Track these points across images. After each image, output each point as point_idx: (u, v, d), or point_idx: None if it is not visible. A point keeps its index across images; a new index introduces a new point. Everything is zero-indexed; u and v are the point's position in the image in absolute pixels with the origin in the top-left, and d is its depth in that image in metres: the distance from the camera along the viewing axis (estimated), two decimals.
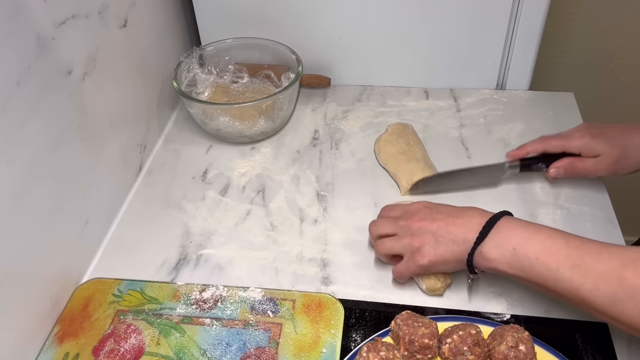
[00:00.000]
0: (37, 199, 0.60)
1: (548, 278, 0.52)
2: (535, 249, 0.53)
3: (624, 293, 0.48)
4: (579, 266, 0.50)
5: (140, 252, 0.72)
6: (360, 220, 0.74)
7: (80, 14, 0.66)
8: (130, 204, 0.79)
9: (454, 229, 0.58)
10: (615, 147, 0.68)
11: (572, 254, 0.51)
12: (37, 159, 0.59)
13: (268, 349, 0.59)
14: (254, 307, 0.63)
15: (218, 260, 0.70)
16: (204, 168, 0.84)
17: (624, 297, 0.48)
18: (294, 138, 0.89)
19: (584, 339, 0.58)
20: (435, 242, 0.59)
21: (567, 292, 0.51)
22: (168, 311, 0.63)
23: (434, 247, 0.59)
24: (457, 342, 0.54)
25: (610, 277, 0.49)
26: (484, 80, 0.94)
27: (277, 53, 0.92)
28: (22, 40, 0.56)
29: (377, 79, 0.97)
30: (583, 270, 0.50)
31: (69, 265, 0.67)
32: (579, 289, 0.50)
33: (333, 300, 0.63)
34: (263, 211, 0.76)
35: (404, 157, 0.78)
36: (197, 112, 0.85)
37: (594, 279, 0.49)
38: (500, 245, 0.55)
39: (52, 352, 0.60)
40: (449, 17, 0.87)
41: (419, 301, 0.64)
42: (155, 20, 0.86)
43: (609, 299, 0.48)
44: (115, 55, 0.75)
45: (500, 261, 0.55)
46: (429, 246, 0.59)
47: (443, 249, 0.59)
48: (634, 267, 0.48)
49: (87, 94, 0.68)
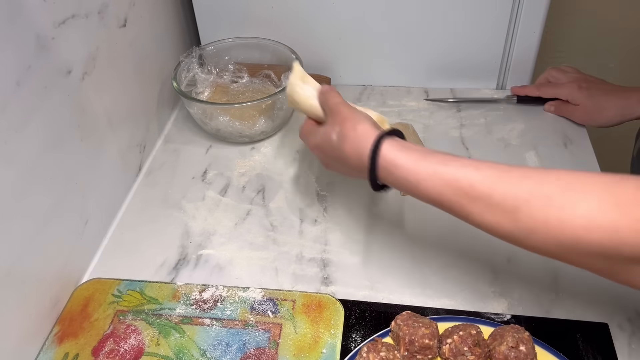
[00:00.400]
0: (37, 199, 0.60)
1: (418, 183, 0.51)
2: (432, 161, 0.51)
3: (520, 232, 0.47)
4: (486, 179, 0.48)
5: (140, 252, 0.72)
6: (360, 220, 0.74)
7: (80, 13, 0.65)
8: (130, 204, 0.79)
9: (347, 171, 0.61)
10: (592, 102, 0.80)
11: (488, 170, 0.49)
12: (37, 159, 0.59)
13: (268, 349, 0.59)
14: (253, 308, 0.63)
15: (218, 260, 0.70)
16: (203, 168, 0.84)
17: (521, 237, 0.47)
18: (294, 138, 0.88)
19: (584, 339, 0.58)
20: (340, 169, 0.63)
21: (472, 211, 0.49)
22: (168, 311, 0.63)
23: (340, 171, 0.63)
24: (458, 342, 0.54)
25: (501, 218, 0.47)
26: (484, 80, 0.94)
27: (277, 53, 0.92)
28: (22, 40, 0.56)
29: (377, 79, 0.97)
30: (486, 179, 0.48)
31: (68, 265, 0.67)
32: (489, 199, 0.48)
33: (333, 301, 0.63)
34: (263, 211, 0.76)
35: None
36: (197, 112, 0.85)
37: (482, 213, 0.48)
38: (393, 174, 0.54)
39: (52, 352, 0.60)
40: (449, 17, 0.87)
41: (419, 301, 0.64)
42: (155, 20, 0.86)
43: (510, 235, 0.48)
44: (115, 55, 0.74)
45: (398, 185, 0.54)
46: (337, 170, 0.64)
47: (348, 173, 0.62)
48: (529, 206, 0.45)
49: (87, 94, 0.68)
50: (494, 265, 0.67)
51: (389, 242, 0.71)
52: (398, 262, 0.68)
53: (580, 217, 0.43)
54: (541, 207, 0.45)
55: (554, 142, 0.84)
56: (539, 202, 0.45)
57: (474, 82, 0.94)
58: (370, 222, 0.74)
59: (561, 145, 0.83)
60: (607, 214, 0.42)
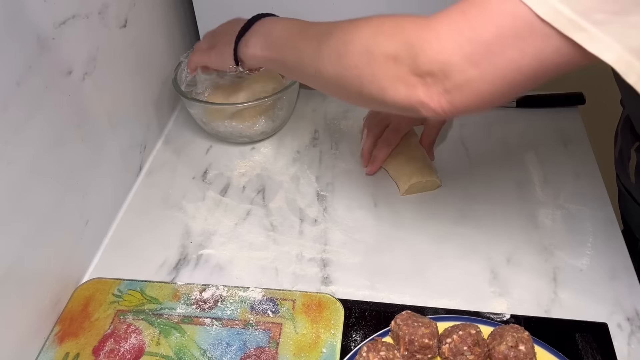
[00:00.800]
0: (37, 198, 0.60)
1: (290, 50, 0.62)
2: (278, 29, 0.65)
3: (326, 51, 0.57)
4: (305, 31, 0.62)
5: (140, 252, 0.72)
6: (360, 220, 0.74)
7: (80, 14, 0.66)
8: (130, 204, 0.79)
9: (226, 39, 0.71)
10: None
11: (303, 26, 0.63)
12: (38, 159, 0.59)
13: (268, 349, 0.59)
14: (254, 307, 0.63)
15: (218, 260, 0.70)
16: (204, 168, 0.84)
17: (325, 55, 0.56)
18: (294, 138, 0.89)
19: (584, 339, 0.59)
20: (218, 47, 0.74)
21: (300, 61, 0.60)
22: (168, 311, 0.63)
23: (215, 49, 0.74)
24: (457, 342, 0.54)
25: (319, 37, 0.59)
26: None
27: None
28: (22, 40, 0.56)
29: None
30: (305, 35, 0.61)
31: (69, 265, 0.67)
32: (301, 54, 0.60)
33: (333, 300, 0.63)
34: (263, 211, 0.76)
35: (404, 158, 0.78)
36: (197, 113, 0.85)
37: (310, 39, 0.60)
38: (256, 33, 0.67)
39: (52, 352, 0.60)
40: None
41: (419, 301, 0.64)
42: (155, 21, 0.86)
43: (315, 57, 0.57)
44: (115, 55, 0.75)
45: (256, 44, 0.67)
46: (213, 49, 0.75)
47: (219, 50, 0.73)
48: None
49: (87, 94, 0.68)
50: (493, 265, 0.67)
51: (389, 242, 0.71)
52: (398, 262, 0.68)
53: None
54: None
55: (554, 142, 0.84)
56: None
57: None
58: (370, 222, 0.74)
59: (561, 145, 0.83)
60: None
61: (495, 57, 0.43)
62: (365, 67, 0.51)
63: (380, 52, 0.49)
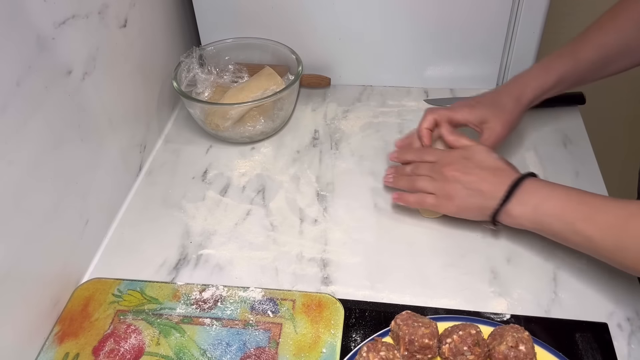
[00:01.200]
0: (37, 198, 0.60)
1: (564, 231, 0.59)
2: (554, 205, 0.60)
3: (627, 239, 0.54)
4: (590, 219, 0.57)
5: (140, 252, 0.72)
6: (360, 220, 0.74)
7: (80, 14, 0.66)
8: (130, 204, 0.79)
9: (484, 186, 0.65)
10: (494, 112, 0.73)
11: (584, 209, 0.58)
12: (37, 159, 0.59)
13: (268, 349, 0.59)
14: (254, 307, 0.63)
15: (218, 260, 0.70)
16: (204, 168, 0.84)
17: (628, 243, 0.54)
18: (294, 138, 0.89)
19: (584, 339, 0.59)
20: (465, 194, 0.65)
21: (581, 243, 0.59)
22: (168, 311, 0.63)
23: (463, 198, 0.66)
24: (457, 342, 0.54)
25: (616, 226, 0.55)
26: (484, 80, 0.94)
27: (277, 53, 0.92)
28: (22, 40, 0.56)
29: (377, 79, 0.97)
30: (593, 222, 0.57)
31: (69, 265, 0.67)
32: (590, 238, 0.57)
33: (333, 300, 0.63)
34: (263, 211, 0.76)
35: None
36: (197, 112, 0.85)
37: (601, 228, 0.56)
38: (524, 203, 0.62)
39: (52, 352, 0.60)
40: (449, 17, 0.87)
41: (419, 301, 0.64)
42: (155, 20, 0.86)
43: (615, 245, 0.55)
44: (115, 55, 0.75)
45: (523, 217, 0.62)
46: (458, 196, 0.66)
47: (471, 201, 0.65)
48: (636, 219, 0.54)
49: (87, 94, 0.68)
50: (493, 265, 0.67)
51: (389, 242, 0.71)
52: (398, 262, 0.68)
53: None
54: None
55: (554, 142, 0.84)
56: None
57: (473, 82, 0.95)
58: (370, 222, 0.74)
59: (561, 145, 0.83)
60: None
61: None
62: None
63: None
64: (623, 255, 0.55)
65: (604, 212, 0.57)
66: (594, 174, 0.78)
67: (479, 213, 0.66)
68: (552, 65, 0.73)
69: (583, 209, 0.58)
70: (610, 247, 0.56)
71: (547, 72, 0.73)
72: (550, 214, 0.60)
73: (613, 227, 0.55)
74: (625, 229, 0.54)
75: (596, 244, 0.57)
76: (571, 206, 0.59)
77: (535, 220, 0.62)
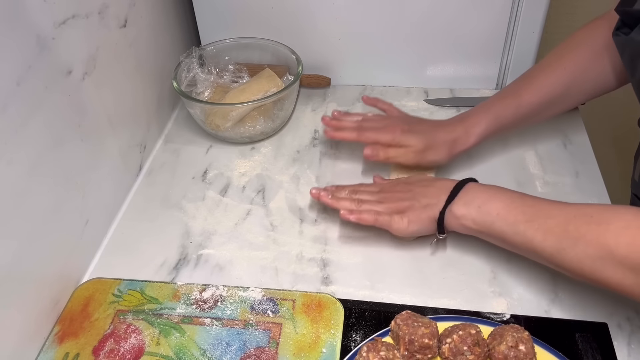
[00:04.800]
0: (37, 198, 0.60)
1: (506, 231, 0.59)
2: (497, 206, 0.60)
3: (566, 243, 0.54)
4: (532, 221, 0.57)
5: (140, 252, 0.72)
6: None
7: (80, 14, 0.66)
8: (130, 204, 0.79)
9: (429, 193, 0.66)
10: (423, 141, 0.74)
11: (527, 211, 0.58)
12: (38, 158, 0.59)
13: (268, 348, 0.59)
14: (254, 307, 0.63)
15: (218, 260, 0.70)
16: (204, 168, 0.84)
17: (567, 246, 0.54)
18: (294, 138, 0.89)
19: (584, 339, 0.59)
20: (414, 206, 0.66)
21: (522, 244, 0.58)
22: (168, 311, 0.63)
23: (413, 211, 0.66)
24: (457, 342, 0.54)
25: (556, 230, 0.55)
26: (484, 80, 0.94)
27: (277, 53, 0.92)
28: (22, 40, 0.56)
29: (377, 79, 0.97)
30: (535, 224, 0.57)
31: (69, 265, 0.67)
32: (531, 240, 0.57)
33: (333, 300, 0.63)
34: (263, 211, 0.76)
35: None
36: (197, 112, 0.85)
37: (543, 231, 0.56)
38: (468, 204, 0.62)
39: (52, 352, 0.60)
40: (448, 16, 0.87)
41: (419, 301, 0.64)
42: (155, 20, 0.86)
43: (555, 248, 0.55)
44: (115, 55, 0.75)
45: (467, 217, 0.62)
46: (408, 210, 0.66)
47: (420, 211, 0.66)
48: (576, 221, 0.54)
49: (87, 94, 0.68)
50: (493, 265, 0.67)
51: (389, 242, 0.71)
52: (398, 262, 0.68)
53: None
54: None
55: (554, 142, 0.84)
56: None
57: (473, 82, 0.95)
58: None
59: (561, 146, 0.83)
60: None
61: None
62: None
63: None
64: (561, 256, 0.54)
65: (546, 214, 0.57)
66: (594, 174, 0.78)
67: (429, 223, 0.65)
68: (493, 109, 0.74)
69: (526, 210, 0.58)
70: (549, 249, 0.55)
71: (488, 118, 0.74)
72: (494, 214, 0.60)
73: (554, 229, 0.55)
74: (565, 230, 0.54)
75: (536, 246, 0.56)
76: (514, 207, 0.59)
77: (478, 220, 0.61)
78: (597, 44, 0.70)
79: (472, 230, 0.63)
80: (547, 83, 0.72)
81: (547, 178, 0.78)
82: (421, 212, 0.65)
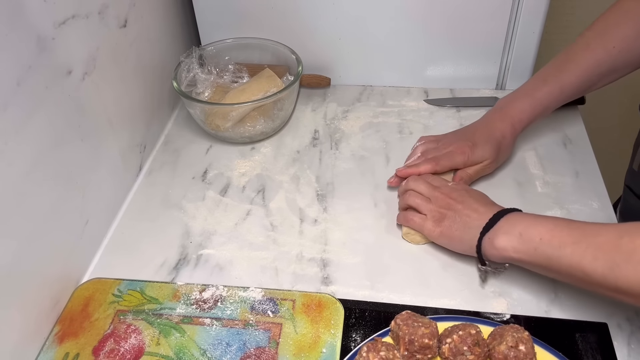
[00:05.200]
0: (37, 199, 0.60)
1: (551, 256, 0.56)
2: (540, 231, 0.57)
3: (620, 257, 0.50)
4: (580, 242, 0.54)
5: (140, 252, 0.72)
6: (360, 220, 0.74)
7: (80, 14, 0.66)
8: (130, 204, 0.79)
9: (471, 214, 0.64)
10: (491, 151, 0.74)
11: (573, 233, 0.55)
12: (38, 159, 0.59)
13: (268, 349, 0.59)
14: (254, 307, 0.63)
15: (218, 260, 0.70)
16: (204, 168, 0.84)
17: (621, 262, 0.50)
18: (294, 138, 0.89)
19: (584, 339, 0.59)
20: (453, 220, 0.65)
21: (570, 267, 0.54)
22: (168, 311, 0.63)
23: (449, 226, 0.65)
24: (457, 342, 0.54)
25: (607, 246, 0.52)
26: (484, 80, 0.94)
27: (277, 53, 0.92)
28: (22, 40, 0.56)
29: (377, 79, 0.97)
30: (583, 245, 0.53)
31: (69, 265, 0.67)
32: (580, 262, 0.53)
33: (333, 300, 0.63)
34: (263, 211, 0.76)
35: None
36: (197, 113, 0.85)
37: (593, 250, 0.52)
38: (508, 232, 0.60)
39: (52, 352, 0.60)
40: (448, 16, 0.87)
41: (419, 301, 0.64)
42: (155, 21, 0.86)
43: (608, 266, 0.51)
44: (116, 55, 0.75)
45: (507, 246, 0.59)
46: (446, 221, 0.66)
47: (455, 228, 0.65)
48: (629, 234, 0.51)
49: (87, 94, 0.68)
50: None
51: (389, 242, 0.71)
52: (398, 262, 0.68)
53: None
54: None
55: (554, 142, 0.84)
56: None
57: (473, 82, 0.95)
58: (370, 222, 0.74)
59: (561, 145, 0.83)
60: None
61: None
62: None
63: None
64: (616, 276, 0.50)
65: (595, 234, 0.53)
66: (594, 174, 0.78)
67: (459, 242, 0.65)
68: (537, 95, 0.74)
69: (572, 233, 0.55)
70: (601, 268, 0.51)
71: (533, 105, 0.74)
72: (537, 240, 0.57)
73: (604, 245, 0.52)
74: (618, 248, 0.50)
75: (586, 267, 0.52)
76: (559, 230, 0.56)
77: (520, 248, 0.58)
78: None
79: (514, 260, 0.60)
80: (590, 63, 0.70)
81: (547, 178, 0.78)
82: (456, 229, 0.65)
